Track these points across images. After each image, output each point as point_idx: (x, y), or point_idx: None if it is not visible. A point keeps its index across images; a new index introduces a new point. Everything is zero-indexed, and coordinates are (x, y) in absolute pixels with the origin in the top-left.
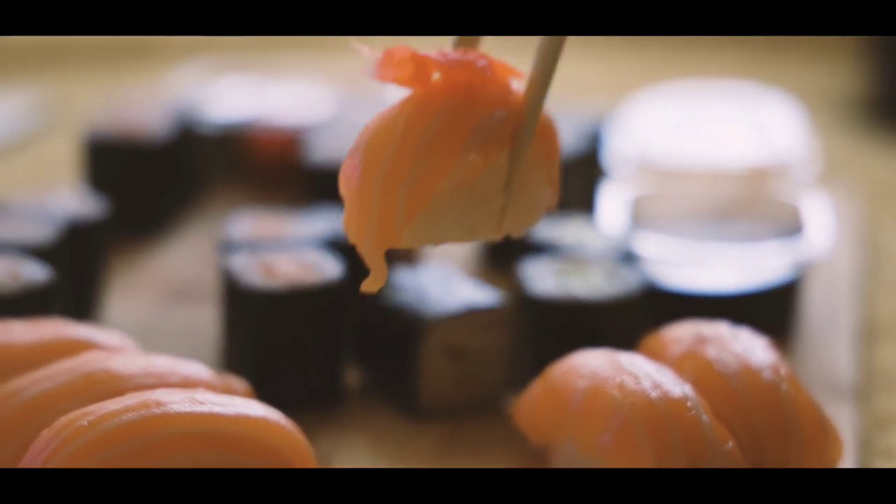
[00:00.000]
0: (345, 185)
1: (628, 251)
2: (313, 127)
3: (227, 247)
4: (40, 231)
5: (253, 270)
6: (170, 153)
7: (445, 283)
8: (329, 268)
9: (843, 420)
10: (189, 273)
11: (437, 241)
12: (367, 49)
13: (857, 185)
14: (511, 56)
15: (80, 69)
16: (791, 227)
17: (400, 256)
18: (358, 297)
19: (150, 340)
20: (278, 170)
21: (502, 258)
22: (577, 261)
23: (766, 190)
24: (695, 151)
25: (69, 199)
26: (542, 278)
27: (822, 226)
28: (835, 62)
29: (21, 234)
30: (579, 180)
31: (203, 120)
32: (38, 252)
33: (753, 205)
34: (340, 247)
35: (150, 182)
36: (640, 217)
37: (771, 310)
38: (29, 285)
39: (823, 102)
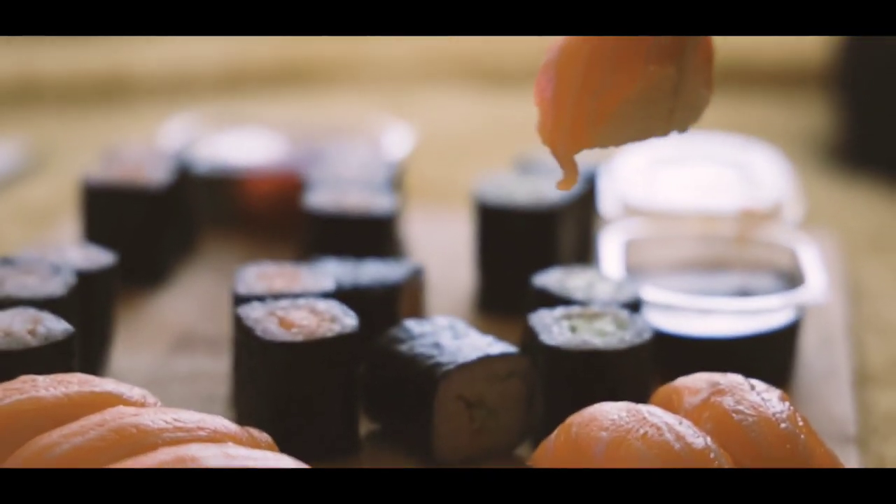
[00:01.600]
0: (539, 97)
1: (633, 298)
2: (309, 172)
3: (239, 299)
4: (50, 284)
5: (269, 322)
6: (168, 200)
7: (458, 332)
8: (344, 318)
9: (849, 466)
10: (192, 323)
11: (619, 142)
12: None
13: (833, 228)
14: None
15: (59, 112)
16: (787, 271)
17: (408, 311)
18: (373, 347)
19: (158, 392)
20: (274, 216)
21: (501, 308)
22: (586, 309)
23: (757, 233)
24: (685, 195)
25: (73, 249)
26: (553, 327)
27: (815, 270)
28: (804, 106)
29: (31, 287)
30: (574, 225)
31: (199, 166)
32: (51, 305)
33: (748, 249)
34: (349, 297)
35: (150, 229)
36: (636, 262)
37: (771, 355)
38: (49, 339)
39: (795, 146)
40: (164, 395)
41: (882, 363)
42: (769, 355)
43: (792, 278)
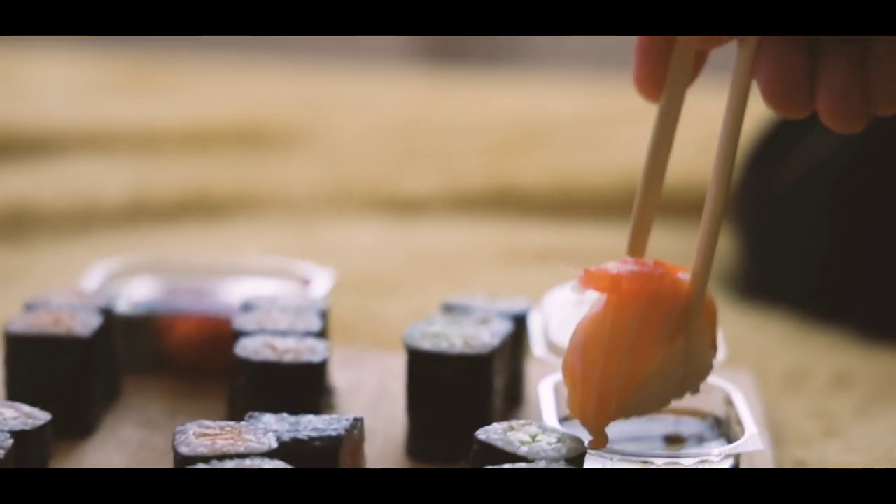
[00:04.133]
0: (569, 377)
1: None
2: (237, 315)
3: (184, 460)
4: None
5: None
6: (94, 347)
7: None
8: None
9: None
10: None
11: (642, 412)
12: (573, 270)
13: (746, 366)
14: None
15: None
16: (713, 414)
17: (350, 462)
18: None
19: None
20: (197, 361)
21: (436, 453)
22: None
23: None
24: None
25: (5, 408)
26: None
27: (747, 414)
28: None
29: None
30: (505, 366)
31: (120, 311)
32: None
33: None
34: (291, 453)
35: (78, 378)
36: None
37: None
38: None
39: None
40: None
41: None
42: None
43: (719, 422)
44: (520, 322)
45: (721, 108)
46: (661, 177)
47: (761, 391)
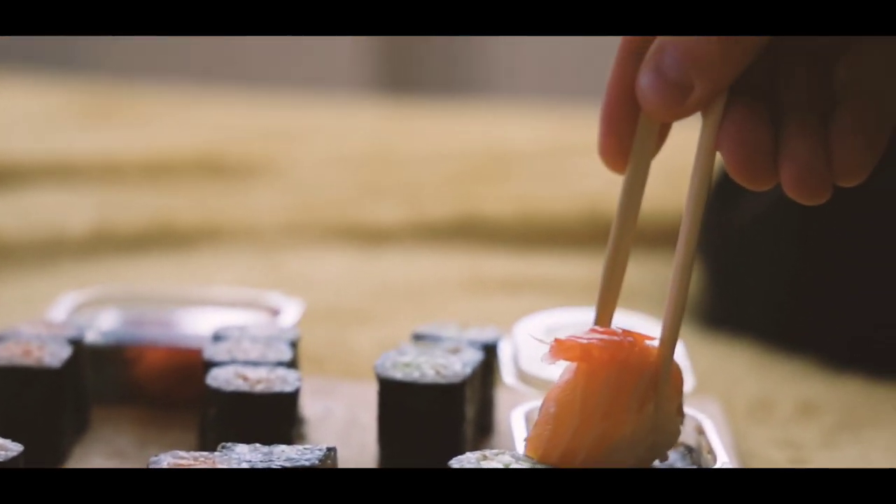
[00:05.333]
0: (532, 450)
1: None
2: (207, 346)
3: None
4: None
5: None
6: (65, 378)
7: None
8: None
9: None
10: None
11: None
12: (543, 340)
13: (713, 395)
14: None
15: None
16: (691, 443)
17: None
18: None
19: None
20: (166, 391)
21: None
22: None
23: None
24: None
25: None
26: None
27: (718, 443)
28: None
29: None
30: (476, 395)
31: (90, 342)
32: None
33: None
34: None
35: (48, 410)
36: None
37: None
38: None
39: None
40: None
41: None
42: None
43: (690, 450)
44: (490, 351)
45: (684, 139)
46: (627, 248)
47: (728, 420)
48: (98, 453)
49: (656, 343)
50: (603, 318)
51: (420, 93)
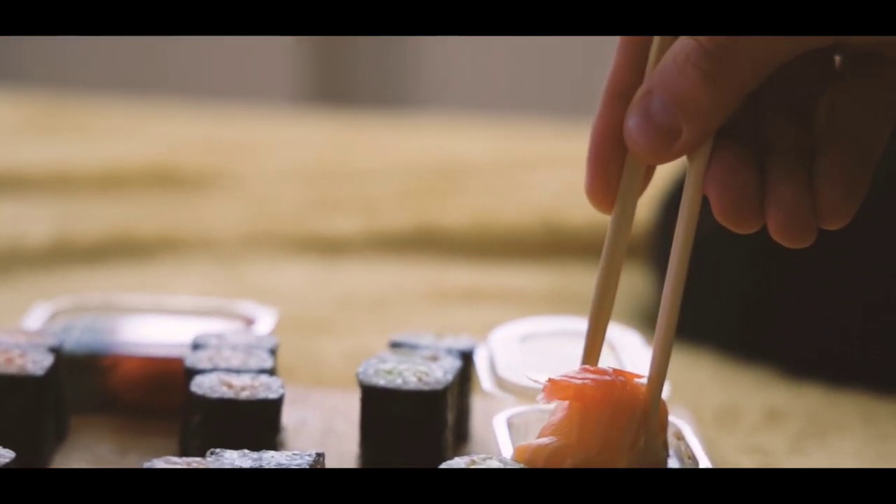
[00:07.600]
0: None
1: None
2: (187, 354)
3: None
4: None
5: None
6: (45, 387)
7: None
8: None
9: None
10: None
11: None
12: (539, 380)
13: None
14: None
15: None
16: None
17: None
18: None
19: None
20: (146, 399)
21: None
22: None
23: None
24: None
25: None
26: None
27: (697, 446)
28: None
29: None
30: (455, 401)
31: (69, 350)
32: None
33: None
34: None
35: (29, 417)
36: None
37: None
38: None
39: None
40: None
41: None
42: None
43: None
44: (467, 359)
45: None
46: (614, 287)
47: (697, 428)
48: (79, 460)
49: (644, 381)
50: (591, 357)
51: (358, 106)
